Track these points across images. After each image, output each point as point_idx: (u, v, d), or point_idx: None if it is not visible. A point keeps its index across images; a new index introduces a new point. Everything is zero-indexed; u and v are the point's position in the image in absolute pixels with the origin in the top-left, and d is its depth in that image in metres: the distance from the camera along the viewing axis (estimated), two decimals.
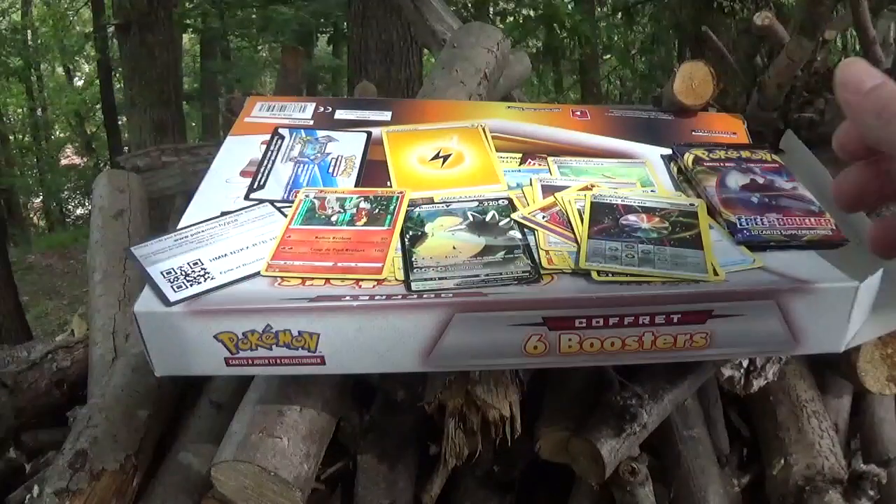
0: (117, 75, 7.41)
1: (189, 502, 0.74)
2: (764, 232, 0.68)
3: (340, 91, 6.92)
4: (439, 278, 0.62)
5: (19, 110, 10.02)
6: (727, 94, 1.07)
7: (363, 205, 0.73)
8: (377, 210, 0.72)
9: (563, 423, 0.76)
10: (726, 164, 0.79)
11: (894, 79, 0.32)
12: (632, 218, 0.70)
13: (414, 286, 0.61)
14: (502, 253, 0.66)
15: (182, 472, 0.76)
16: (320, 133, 0.88)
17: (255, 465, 0.64)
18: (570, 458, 0.75)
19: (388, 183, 0.78)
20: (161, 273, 0.64)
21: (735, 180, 0.76)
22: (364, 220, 0.71)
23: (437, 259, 0.65)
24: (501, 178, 0.79)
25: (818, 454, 0.81)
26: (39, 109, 10.09)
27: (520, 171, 0.81)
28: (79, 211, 10.04)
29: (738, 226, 0.69)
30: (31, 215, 10.12)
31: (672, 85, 0.91)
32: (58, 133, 10.83)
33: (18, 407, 0.99)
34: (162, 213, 1.51)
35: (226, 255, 0.66)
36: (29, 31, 8.40)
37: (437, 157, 0.82)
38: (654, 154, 0.84)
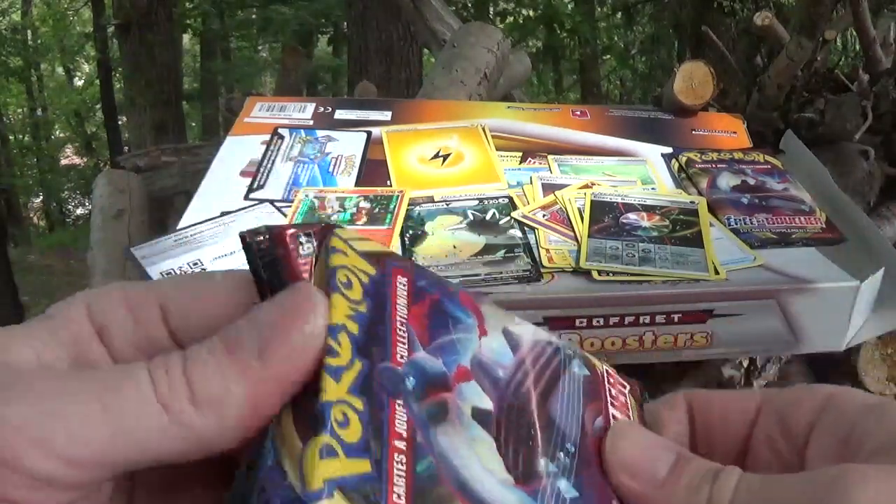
0: (117, 75, 7.41)
1: None
2: (754, 231, 0.68)
3: (340, 91, 6.92)
4: None
5: (19, 110, 10.03)
6: (727, 94, 1.07)
7: (363, 204, 0.73)
8: (377, 209, 0.72)
9: None
10: (718, 166, 0.79)
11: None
12: (632, 216, 0.70)
13: None
14: (503, 252, 0.66)
15: None
16: (320, 133, 0.88)
17: None
18: None
19: (388, 182, 0.78)
20: (161, 273, 0.63)
21: (726, 181, 0.77)
22: (364, 219, 0.71)
23: (438, 258, 0.65)
24: (501, 177, 0.79)
25: None
26: (39, 109, 10.09)
27: (520, 169, 0.81)
28: (79, 211, 10.03)
29: (728, 226, 0.69)
30: (31, 215, 10.12)
31: (672, 85, 0.91)
32: (58, 133, 10.83)
33: None
34: (162, 213, 1.51)
35: (226, 255, 0.66)
36: (29, 31, 8.40)
37: (437, 156, 0.82)
38: (654, 152, 0.84)
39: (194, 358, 0.20)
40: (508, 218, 0.71)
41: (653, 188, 0.77)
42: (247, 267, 0.22)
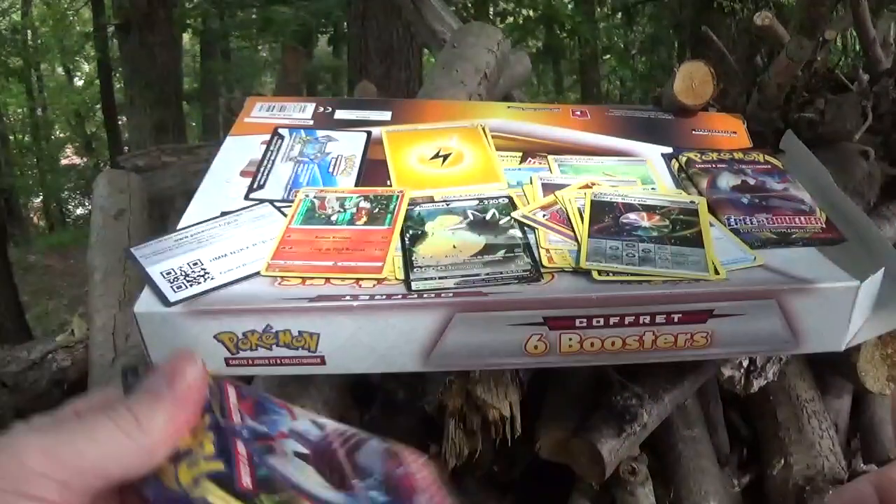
0: (117, 75, 7.41)
1: None
2: (754, 231, 0.68)
3: (340, 91, 6.92)
4: (439, 277, 0.62)
5: (19, 110, 10.02)
6: (727, 94, 1.07)
7: (363, 204, 0.73)
8: (377, 209, 0.72)
9: (563, 423, 0.76)
10: (718, 166, 0.79)
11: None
12: (632, 216, 0.70)
13: (414, 286, 0.61)
14: (503, 252, 0.65)
15: None
16: (320, 133, 0.87)
17: None
18: (570, 458, 0.75)
19: (388, 182, 0.78)
20: (161, 273, 0.63)
21: (726, 181, 0.76)
22: (364, 219, 0.71)
23: (438, 258, 0.65)
24: (501, 177, 0.79)
25: (818, 454, 0.81)
26: (39, 109, 10.08)
27: (520, 169, 0.81)
28: (79, 211, 10.03)
29: (728, 226, 0.69)
30: (31, 215, 10.12)
31: (672, 85, 0.91)
32: (58, 133, 10.82)
33: (18, 407, 0.99)
34: (162, 213, 1.51)
35: (226, 255, 0.66)
36: (29, 31, 8.40)
37: (437, 156, 0.82)
38: (654, 152, 0.84)
39: (131, 401, 0.30)
40: (508, 218, 0.71)
41: (653, 188, 0.77)
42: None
